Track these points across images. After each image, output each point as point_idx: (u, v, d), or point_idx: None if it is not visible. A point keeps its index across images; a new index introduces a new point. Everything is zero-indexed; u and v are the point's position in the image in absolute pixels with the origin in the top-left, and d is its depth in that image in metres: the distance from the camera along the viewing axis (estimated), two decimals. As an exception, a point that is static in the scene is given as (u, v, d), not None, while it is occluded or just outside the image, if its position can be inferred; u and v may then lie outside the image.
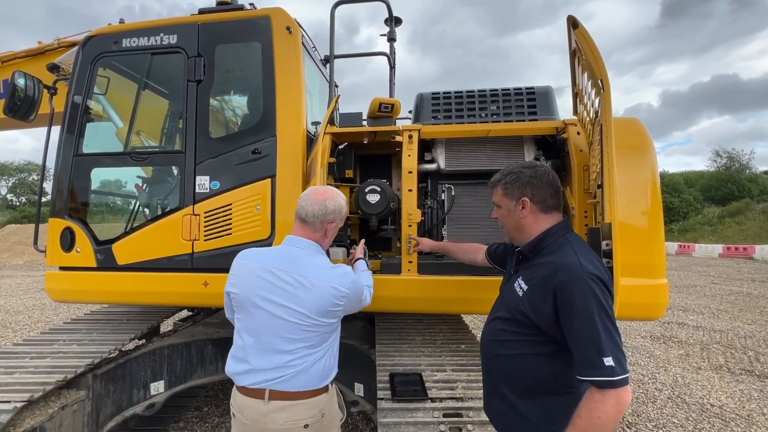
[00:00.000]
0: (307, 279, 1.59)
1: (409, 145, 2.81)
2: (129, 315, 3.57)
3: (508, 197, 1.44)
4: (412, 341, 2.92)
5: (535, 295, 1.28)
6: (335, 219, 1.72)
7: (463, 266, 2.61)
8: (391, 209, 2.91)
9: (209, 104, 2.99)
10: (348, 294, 1.63)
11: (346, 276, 1.65)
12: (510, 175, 1.44)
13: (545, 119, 2.90)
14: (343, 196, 1.79)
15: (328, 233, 1.73)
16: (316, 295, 1.58)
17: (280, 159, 2.83)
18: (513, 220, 1.45)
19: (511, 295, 1.40)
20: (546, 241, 1.38)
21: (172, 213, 2.92)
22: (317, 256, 1.69)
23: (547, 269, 1.27)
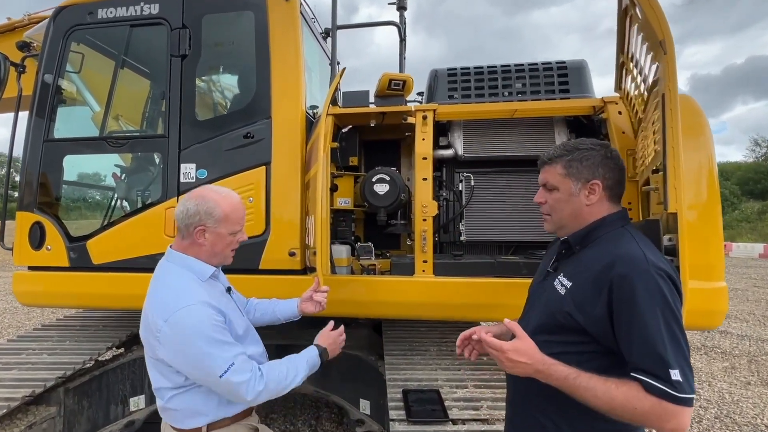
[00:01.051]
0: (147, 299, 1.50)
1: (423, 128, 2.67)
2: (106, 320, 3.48)
3: (573, 178, 1.29)
4: (426, 352, 2.80)
5: (582, 291, 1.18)
6: (203, 222, 1.49)
7: (487, 266, 2.50)
8: (402, 201, 2.79)
9: (195, 83, 2.87)
10: (165, 330, 1.35)
11: (174, 304, 1.37)
12: (577, 151, 1.29)
13: (579, 97, 2.75)
14: (227, 197, 1.55)
15: (201, 240, 1.51)
16: (144, 320, 1.47)
17: (275, 144, 2.71)
18: (573, 206, 1.30)
19: (551, 295, 1.30)
20: (599, 231, 1.27)
21: (153, 206, 2.82)
22: (174, 271, 1.50)
23: (601, 261, 1.17)
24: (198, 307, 1.37)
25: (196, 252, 1.53)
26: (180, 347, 1.36)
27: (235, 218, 1.55)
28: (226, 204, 1.52)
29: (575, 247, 1.31)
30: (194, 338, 1.35)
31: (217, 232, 1.51)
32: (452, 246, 2.98)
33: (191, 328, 1.35)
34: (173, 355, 1.38)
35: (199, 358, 1.36)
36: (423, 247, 2.55)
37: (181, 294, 1.41)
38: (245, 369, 1.42)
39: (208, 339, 1.36)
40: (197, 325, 1.35)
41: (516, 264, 2.56)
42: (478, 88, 2.92)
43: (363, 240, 3.35)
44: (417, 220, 2.57)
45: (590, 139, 1.34)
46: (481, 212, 2.90)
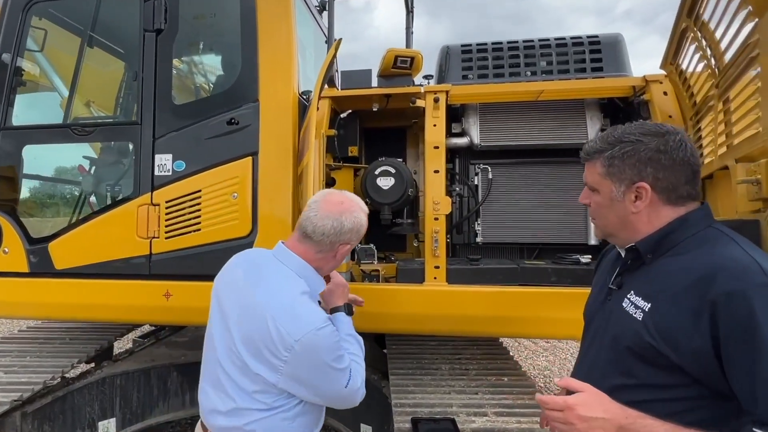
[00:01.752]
0: (254, 299, 1.39)
1: (434, 112, 2.50)
2: (74, 332, 3.28)
3: (614, 179, 1.11)
4: (437, 371, 2.60)
5: (670, 316, 0.98)
6: (351, 240, 1.49)
7: (509, 273, 2.36)
8: (409, 197, 2.62)
9: (172, 61, 2.69)
10: (297, 349, 1.30)
11: (307, 323, 1.32)
12: (622, 144, 1.10)
13: (615, 76, 2.58)
14: (363, 207, 1.54)
15: (338, 256, 1.51)
16: (251, 320, 1.37)
17: (263, 131, 2.51)
18: (617, 213, 1.13)
19: (622, 321, 1.09)
20: (679, 234, 1.07)
21: (124, 203, 2.63)
22: (291, 278, 1.44)
23: (692, 273, 0.98)
24: (329, 329, 1.36)
25: (323, 264, 1.51)
26: (312, 367, 1.35)
27: (363, 232, 1.55)
28: (365, 217, 1.53)
29: (646, 256, 1.10)
30: (328, 359, 1.34)
31: (350, 247, 1.52)
32: (466, 249, 2.83)
33: (326, 351, 1.34)
34: (302, 373, 1.35)
35: (331, 376, 1.37)
36: (434, 250, 2.38)
37: (312, 312, 1.37)
38: (356, 369, 1.44)
39: (337, 358, 1.36)
40: (331, 347, 1.35)
41: (543, 270, 2.39)
42: (497, 66, 2.76)
43: (364, 241, 3.13)
44: (428, 218, 2.40)
45: (647, 125, 1.13)
46: (500, 209, 2.73)
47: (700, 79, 2.04)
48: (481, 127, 2.68)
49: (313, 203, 1.50)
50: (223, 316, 1.44)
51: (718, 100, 1.80)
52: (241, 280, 1.45)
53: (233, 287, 1.45)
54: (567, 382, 1.02)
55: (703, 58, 1.95)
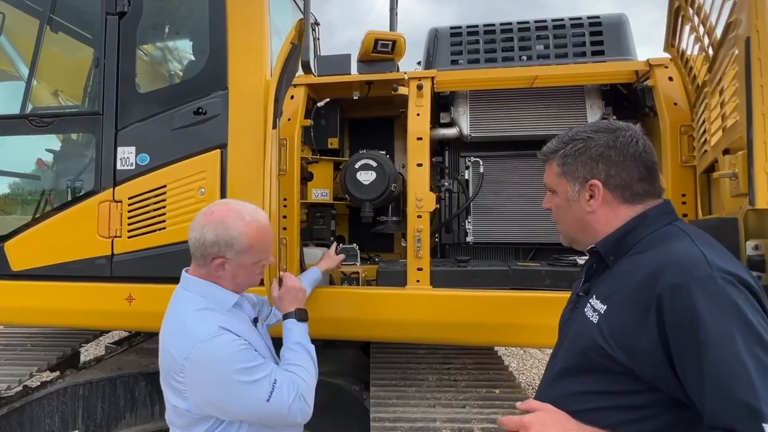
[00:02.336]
0: (161, 334, 1.44)
1: (418, 100, 2.42)
2: (36, 338, 3.23)
3: (568, 178, 1.16)
4: (423, 382, 2.54)
5: (620, 316, 1.00)
6: (223, 252, 1.42)
7: (499, 276, 2.29)
8: (393, 193, 2.54)
9: (136, 46, 2.59)
10: (188, 368, 1.30)
11: (194, 336, 1.31)
12: (573, 142, 1.16)
13: (617, 60, 2.48)
14: (244, 216, 1.46)
15: (219, 272, 1.45)
16: (161, 356, 1.41)
17: (233, 122, 2.43)
18: (574, 215, 1.18)
19: (581, 325, 1.11)
20: (638, 233, 1.09)
21: (85, 199, 2.55)
22: (188, 299, 1.45)
23: (642, 270, 1.00)
24: (222, 338, 1.32)
25: (217, 281, 1.48)
26: (213, 383, 1.31)
27: (261, 247, 1.49)
28: (252, 232, 1.45)
29: (608, 258, 1.12)
30: (229, 371, 1.29)
31: (239, 263, 1.45)
32: (456, 249, 2.76)
33: (223, 362, 1.30)
34: (204, 392, 1.32)
35: (239, 391, 1.31)
36: (417, 251, 2.30)
37: (200, 324, 1.35)
38: (290, 380, 1.38)
39: (243, 370, 1.31)
40: (229, 357, 1.30)
41: (537, 272, 2.29)
42: (489, 51, 2.67)
43: (348, 241, 3.05)
44: (410, 216, 2.33)
45: (602, 123, 1.22)
46: (493, 206, 2.65)
47: (697, 62, 1.95)
48: (471, 117, 2.60)
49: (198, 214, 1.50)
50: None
51: (711, 86, 1.70)
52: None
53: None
54: (528, 405, 1.03)
55: (697, 40, 1.86)
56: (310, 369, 1.48)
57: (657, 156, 1.14)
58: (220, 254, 1.42)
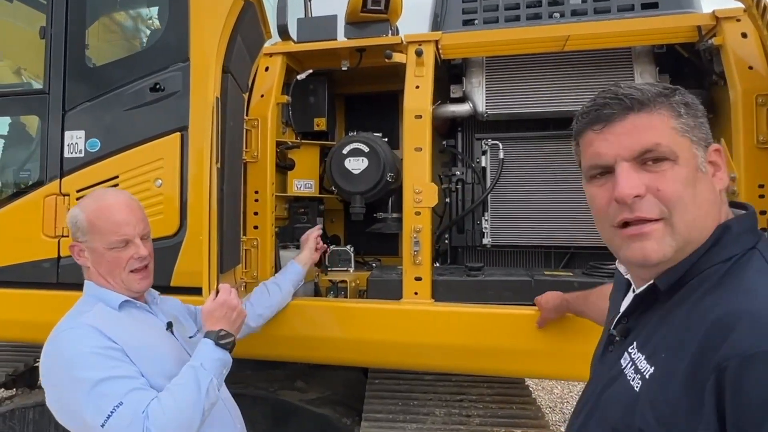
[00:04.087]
0: None
1: (417, 69, 2.31)
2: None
3: (694, 137, 0.88)
4: (428, 417, 2.46)
5: (671, 389, 0.80)
6: (75, 236, 1.59)
7: (519, 288, 2.19)
8: (390, 184, 2.44)
9: (86, 13, 2.54)
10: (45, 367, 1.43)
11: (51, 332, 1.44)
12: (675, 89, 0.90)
13: (675, 14, 2.27)
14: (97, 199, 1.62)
15: (80, 260, 1.61)
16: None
17: (194, 100, 2.35)
18: (706, 195, 0.87)
19: (617, 391, 0.91)
20: (712, 256, 0.86)
21: (29, 192, 2.52)
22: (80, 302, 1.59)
23: (706, 323, 0.78)
24: (79, 330, 1.38)
25: (89, 276, 1.60)
26: (54, 384, 1.37)
27: (104, 227, 1.53)
28: (91, 209, 1.55)
29: (662, 290, 0.90)
30: (69, 369, 1.33)
31: (91, 248, 1.55)
32: (471, 253, 2.66)
33: (66, 356, 1.35)
34: (50, 397, 1.40)
35: (74, 398, 1.31)
36: (415, 256, 2.19)
37: (64, 319, 1.47)
38: (136, 410, 1.31)
39: (82, 376, 1.30)
40: (73, 351, 1.34)
41: (566, 284, 2.13)
42: (510, 7, 2.50)
43: (343, 242, 2.93)
44: (407, 213, 2.23)
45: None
46: (515, 200, 2.54)
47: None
48: (487, 90, 2.48)
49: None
50: None
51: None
52: None
53: None
54: None
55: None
56: (185, 402, 1.35)
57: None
58: (74, 238, 1.57)
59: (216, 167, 2.05)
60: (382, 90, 2.95)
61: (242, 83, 2.27)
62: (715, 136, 2.06)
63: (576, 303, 1.83)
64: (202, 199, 2.13)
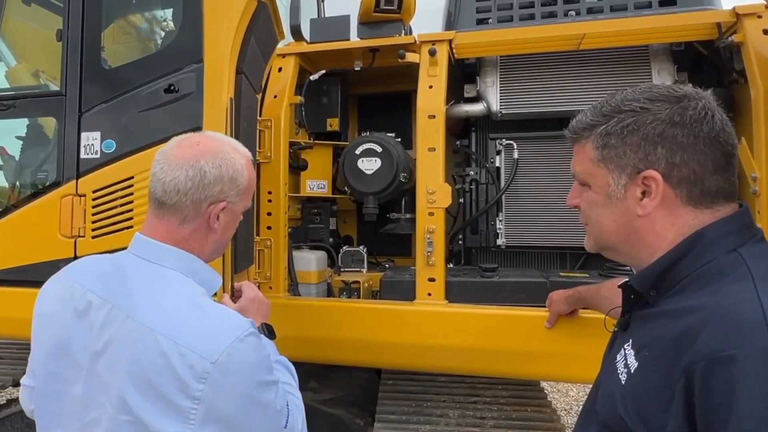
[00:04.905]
0: (137, 323, 1.10)
1: (431, 69, 2.32)
2: (4, 349, 3.30)
3: (611, 165, 0.99)
4: (441, 419, 2.46)
5: (649, 383, 0.88)
6: (225, 194, 1.23)
7: (534, 289, 2.20)
8: (403, 184, 2.47)
9: (102, 15, 2.57)
10: (215, 376, 1.06)
11: (223, 333, 1.10)
12: (620, 114, 0.98)
13: (693, 11, 2.25)
14: (240, 148, 1.30)
15: (215, 225, 1.24)
16: (140, 355, 1.09)
17: (209, 101, 2.36)
18: (617, 216, 1.01)
19: (610, 382, 1.00)
20: (687, 264, 0.93)
21: (47, 192, 2.55)
22: (176, 280, 1.19)
23: (681, 324, 0.85)
24: (255, 340, 1.16)
25: (199, 246, 1.25)
26: (238, 398, 1.12)
27: (251, 189, 1.35)
28: (248, 165, 1.29)
29: (649, 294, 0.98)
30: (259, 384, 1.15)
31: (234, 210, 1.29)
32: (485, 254, 2.66)
33: (256, 370, 1.14)
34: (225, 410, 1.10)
35: (264, 411, 1.16)
36: (428, 256, 2.19)
37: (225, 318, 1.15)
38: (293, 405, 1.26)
39: (269, 383, 1.17)
40: (261, 364, 1.16)
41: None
42: (525, 6, 2.50)
43: (356, 243, 2.95)
44: (420, 213, 2.24)
45: (657, 87, 0.98)
46: (530, 200, 2.53)
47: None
48: (501, 89, 2.48)
49: (160, 154, 1.24)
50: (76, 365, 1.16)
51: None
52: (101, 307, 1.16)
53: (90, 324, 1.16)
54: None
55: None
56: (297, 389, 1.36)
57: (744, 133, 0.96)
58: (222, 197, 1.22)
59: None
60: (395, 90, 2.96)
61: (256, 84, 2.29)
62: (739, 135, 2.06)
63: (587, 295, 1.85)
64: (216, 200, 2.17)
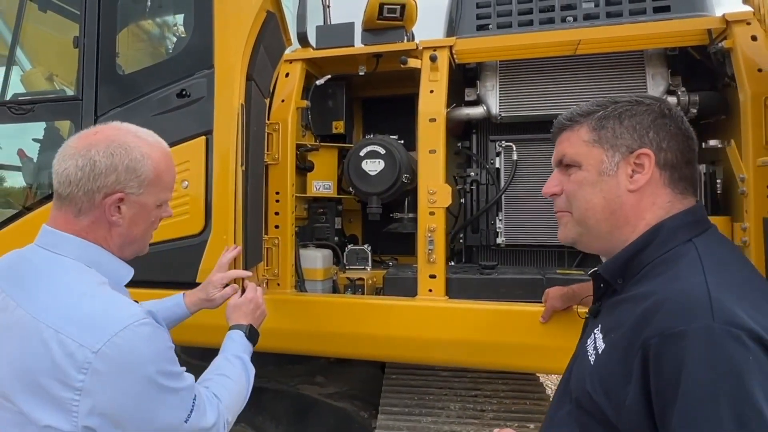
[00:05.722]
0: (23, 311, 1.09)
1: (432, 74, 2.36)
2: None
3: (606, 145, 1.07)
4: (443, 411, 2.53)
5: (613, 361, 0.96)
6: (120, 184, 1.15)
7: (531, 285, 2.23)
8: (406, 185, 2.52)
9: (116, 21, 2.64)
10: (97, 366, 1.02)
11: (109, 322, 1.06)
12: (615, 105, 1.10)
13: (686, 17, 2.28)
14: (156, 143, 1.25)
15: (114, 217, 1.17)
16: (21, 345, 1.06)
17: (219, 105, 2.42)
18: (607, 193, 1.07)
19: (581, 364, 1.08)
20: (650, 253, 1.01)
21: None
22: (72, 270, 1.15)
23: (641, 306, 0.93)
24: (147, 328, 1.09)
25: (103, 239, 1.19)
26: (125, 390, 1.06)
27: (166, 181, 1.26)
28: (158, 156, 1.22)
29: (616, 282, 1.06)
30: (150, 373, 1.08)
31: (140, 203, 1.20)
32: (485, 253, 2.69)
33: (146, 361, 1.07)
34: (110, 403, 1.06)
35: (157, 403, 1.10)
36: (429, 254, 2.23)
37: (113, 306, 1.10)
38: (209, 399, 1.23)
39: (167, 373, 1.11)
40: (155, 354, 1.09)
41: (576, 282, 2.13)
42: (524, 12, 2.53)
43: (361, 241, 3.02)
44: (421, 212, 2.28)
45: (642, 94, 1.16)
46: (529, 200, 2.56)
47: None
48: (501, 93, 2.50)
49: (62, 146, 1.20)
50: None
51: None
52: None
53: None
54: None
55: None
56: (240, 388, 1.37)
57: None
58: (118, 187, 1.15)
59: (241, 170, 2.13)
60: (399, 93, 2.98)
61: (264, 89, 2.36)
62: (729, 137, 2.12)
63: (582, 291, 1.90)
64: (227, 200, 2.23)
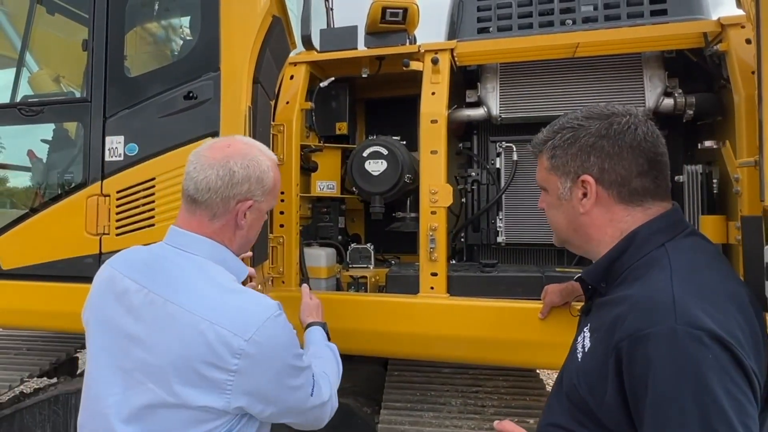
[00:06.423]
0: (175, 306, 1.23)
1: (433, 76, 2.41)
2: (33, 340, 3.42)
3: (558, 173, 1.17)
4: (444, 407, 2.54)
5: (595, 359, 1.03)
6: (251, 194, 1.32)
7: (530, 283, 2.27)
8: (408, 185, 2.57)
9: (124, 24, 2.69)
10: (250, 351, 1.18)
11: (255, 314, 1.22)
12: (563, 131, 1.17)
13: (683, 20, 2.33)
14: (266, 151, 1.40)
15: (242, 221, 1.34)
16: (178, 336, 1.20)
17: (225, 107, 2.47)
18: (567, 215, 1.19)
19: (570, 360, 1.16)
20: (625, 260, 1.08)
21: (73, 193, 2.68)
22: (209, 267, 1.30)
23: (617, 309, 1.00)
24: (284, 318, 1.28)
25: (228, 241, 1.35)
26: (271, 372, 1.25)
27: (277, 189, 1.44)
28: (274, 167, 1.39)
29: (601, 286, 1.14)
30: (288, 357, 1.28)
31: (260, 209, 1.38)
32: (486, 251, 2.74)
33: (286, 346, 1.27)
34: (260, 383, 1.24)
35: (294, 382, 1.30)
36: (431, 252, 2.28)
37: (256, 299, 1.28)
38: (322, 375, 1.43)
39: (297, 355, 1.31)
40: (290, 341, 1.29)
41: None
42: (524, 15, 2.58)
43: (364, 240, 3.08)
44: (423, 212, 2.33)
45: (597, 108, 1.16)
46: (529, 200, 2.59)
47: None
48: (501, 95, 2.55)
49: (193, 155, 1.34)
50: (121, 349, 1.26)
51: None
52: (137, 292, 1.27)
53: (128, 306, 1.27)
54: (502, 426, 1.11)
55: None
56: (337, 368, 1.56)
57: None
58: (249, 195, 1.31)
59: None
60: (401, 95, 3.01)
61: (270, 91, 2.41)
62: (725, 138, 2.17)
63: (579, 288, 1.95)
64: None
